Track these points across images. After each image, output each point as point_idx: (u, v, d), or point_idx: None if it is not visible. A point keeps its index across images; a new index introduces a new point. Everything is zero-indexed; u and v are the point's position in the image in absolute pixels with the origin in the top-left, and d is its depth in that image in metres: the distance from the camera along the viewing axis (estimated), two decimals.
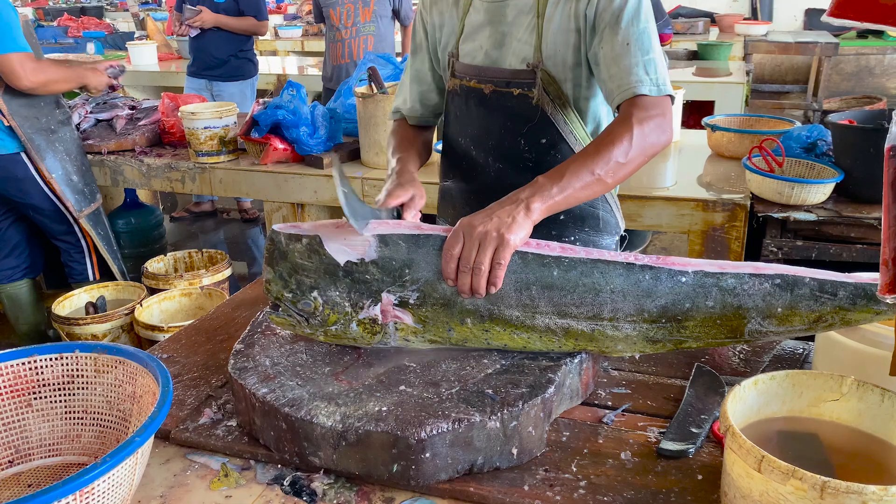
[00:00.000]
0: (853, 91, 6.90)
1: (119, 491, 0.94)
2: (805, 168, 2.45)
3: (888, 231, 0.98)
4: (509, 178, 1.54)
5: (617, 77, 1.37)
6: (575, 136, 1.51)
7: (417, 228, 1.21)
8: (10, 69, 2.75)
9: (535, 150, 1.53)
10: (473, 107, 1.58)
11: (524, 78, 1.48)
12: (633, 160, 1.29)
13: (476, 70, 1.55)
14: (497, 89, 1.52)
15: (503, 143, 1.56)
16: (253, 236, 5.40)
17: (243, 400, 1.17)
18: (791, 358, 1.39)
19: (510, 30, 1.49)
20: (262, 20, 4.90)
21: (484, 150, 1.60)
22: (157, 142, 3.54)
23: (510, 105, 1.51)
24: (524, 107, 1.50)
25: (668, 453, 1.10)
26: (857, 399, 1.01)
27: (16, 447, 1.16)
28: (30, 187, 3.02)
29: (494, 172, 1.59)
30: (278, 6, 11.66)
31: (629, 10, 1.38)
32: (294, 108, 2.95)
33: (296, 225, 1.22)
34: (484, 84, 1.53)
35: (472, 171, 1.64)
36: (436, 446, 1.02)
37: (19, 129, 2.89)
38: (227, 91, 4.89)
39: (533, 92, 1.47)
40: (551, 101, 1.48)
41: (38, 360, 1.15)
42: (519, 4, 1.48)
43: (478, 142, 1.61)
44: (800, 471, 0.82)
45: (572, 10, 1.43)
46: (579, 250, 1.19)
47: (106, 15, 11.95)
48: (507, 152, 1.56)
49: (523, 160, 1.54)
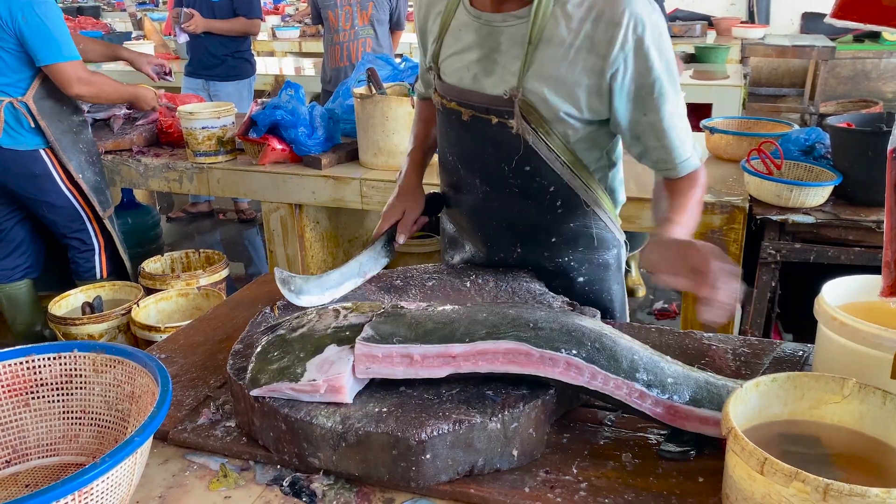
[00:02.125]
0: (850, 95, 6.92)
1: (118, 491, 0.93)
2: (803, 171, 2.46)
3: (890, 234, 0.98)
4: (495, 201, 1.55)
5: (664, 150, 1.42)
6: (561, 161, 1.45)
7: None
8: (65, 77, 2.84)
9: (520, 176, 1.48)
10: (455, 128, 1.53)
11: (502, 106, 1.41)
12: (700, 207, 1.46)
13: (458, 92, 1.48)
14: (476, 115, 1.46)
15: (487, 167, 1.52)
16: (250, 237, 5.39)
17: (242, 400, 1.16)
18: (791, 360, 1.38)
19: (500, 58, 1.40)
20: (253, 18, 4.90)
21: (471, 170, 1.57)
22: (154, 142, 3.52)
23: (490, 132, 1.46)
24: (504, 135, 1.43)
25: (670, 455, 1.09)
26: (859, 401, 1.01)
27: (13, 447, 1.15)
28: (47, 184, 3.02)
29: (482, 194, 1.56)
30: (275, 7, 11.66)
31: (672, 75, 1.37)
32: (292, 109, 2.95)
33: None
34: (463, 108, 1.47)
35: (464, 188, 1.61)
36: (436, 447, 1.02)
37: (48, 130, 2.93)
38: (224, 91, 4.88)
39: (511, 122, 1.41)
40: (533, 131, 1.41)
41: (35, 359, 1.15)
42: (514, 34, 1.38)
43: (465, 162, 1.57)
44: (802, 473, 0.81)
45: (589, 65, 1.33)
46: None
47: (103, 15, 11.93)
48: (492, 177, 1.52)
49: (509, 185, 1.50)
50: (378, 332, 1.12)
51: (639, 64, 1.32)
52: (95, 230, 3.20)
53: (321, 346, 1.15)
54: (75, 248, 3.23)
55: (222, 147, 3.16)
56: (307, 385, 1.08)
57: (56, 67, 2.83)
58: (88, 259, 3.25)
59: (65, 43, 2.83)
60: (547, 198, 1.50)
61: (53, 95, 2.95)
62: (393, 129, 2.82)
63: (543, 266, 1.59)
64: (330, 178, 2.93)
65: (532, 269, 1.59)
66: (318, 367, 1.10)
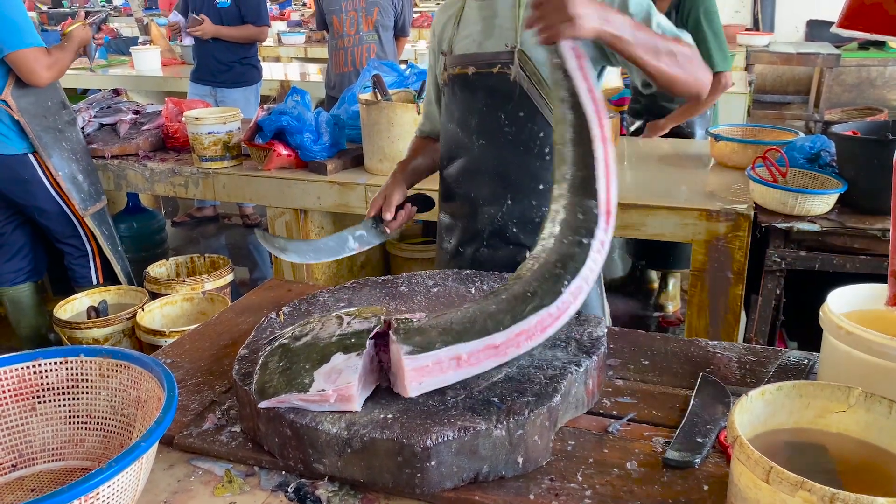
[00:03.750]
0: (854, 102, 6.90)
1: (123, 496, 0.93)
2: (808, 179, 2.45)
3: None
4: (491, 153, 1.70)
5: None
6: (550, 109, 1.59)
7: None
8: (27, 66, 2.75)
9: (514, 124, 1.65)
10: (458, 91, 1.72)
11: (503, 59, 1.63)
12: (683, 67, 1.42)
13: (463, 58, 1.70)
14: (478, 70, 1.67)
15: (484, 119, 1.68)
16: (254, 242, 5.39)
17: (248, 406, 1.16)
18: (796, 368, 1.38)
19: (498, 21, 1.64)
20: (261, 25, 4.92)
21: (468, 130, 1.72)
22: (160, 146, 3.53)
23: (490, 84, 1.65)
24: (502, 83, 1.63)
25: (674, 463, 1.09)
26: (865, 410, 1.00)
27: (19, 451, 1.15)
28: (36, 189, 3.02)
29: (478, 149, 1.71)
30: (281, 13, 11.69)
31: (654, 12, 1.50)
32: (298, 115, 2.96)
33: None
34: (467, 67, 1.68)
35: (459, 153, 1.76)
36: (441, 454, 1.02)
37: (28, 127, 2.89)
38: (230, 97, 4.89)
39: (510, 69, 1.61)
40: (527, 77, 1.61)
41: (42, 363, 1.15)
42: (505, 1, 1.63)
43: (463, 123, 1.73)
44: (808, 482, 0.81)
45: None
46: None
47: (110, 20, 11.98)
48: (488, 128, 1.68)
49: (503, 133, 1.67)
50: (417, 344, 1.11)
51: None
52: (88, 235, 3.20)
53: (327, 355, 1.15)
54: (69, 254, 3.24)
55: (228, 152, 3.17)
56: (316, 395, 1.08)
57: (20, 55, 2.73)
58: (83, 265, 3.25)
59: (26, 30, 2.75)
60: (537, 143, 1.65)
61: (34, 92, 2.91)
62: (398, 135, 2.83)
63: (530, 218, 1.70)
64: (335, 183, 2.93)
65: (519, 222, 1.70)
66: (325, 376, 1.10)
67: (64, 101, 3.12)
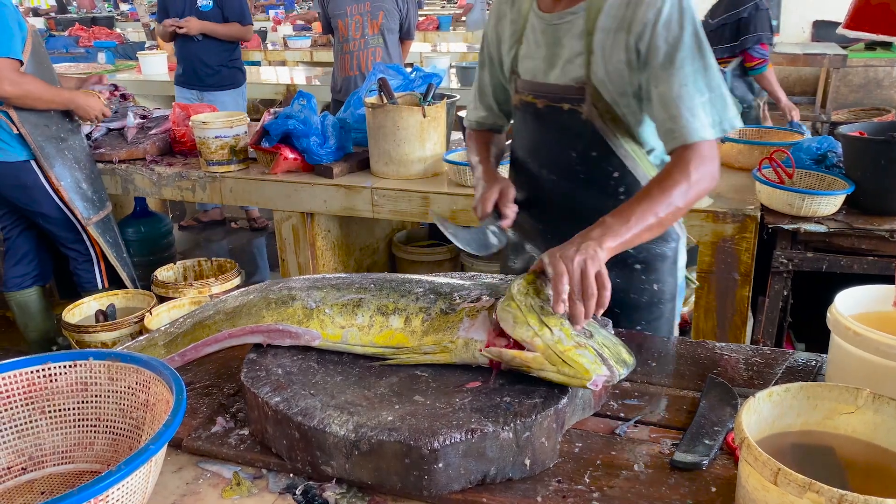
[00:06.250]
0: (861, 103, 6.87)
1: (133, 499, 0.94)
2: (815, 180, 2.45)
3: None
4: (562, 190, 1.62)
5: (672, 121, 1.39)
6: (625, 149, 1.53)
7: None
8: None
9: (586, 162, 1.56)
10: (530, 121, 1.63)
11: (573, 94, 1.52)
12: (689, 203, 1.38)
13: (532, 86, 1.60)
14: (549, 104, 1.56)
15: (555, 156, 1.61)
16: (261, 245, 5.41)
17: (256, 409, 1.17)
18: (804, 370, 1.38)
19: (561, 52, 1.52)
20: (246, 25, 4.95)
21: (538, 162, 1.65)
22: (167, 151, 3.55)
23: (561, 121, 1.55)
24: (574, 122, 1.53)
25: (682, 465, 1.09)
26: (873, 412, 1.00)
27: (29, 455, 1.16)
28: (39, 195, 3.03)
29: (548, 184, 1.64)
30: (286, 16, 11.72)
31: (685, 49, 1.38)
32: (304, 118, 2.96)
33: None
34: (538, 99, 1.58)
35: (530, 182, 1.68)
36: (448, 456, 1.02)
37: (29, 137, 2.90)
38: (219, 100, 4.85)
39: (582, 108, 1.51)
40: (600, 117, 1.50)
41: (51, 367, 1.16)
42: (571, 29, 1.50)
43: (533, 154, 1.66)
44: (817, 484, 0.81)
45: (623, 43, 1.43)
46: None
47: (117, 25, 12.05)
48: (559, 165, 1.61)
49: (574, 172, 1.58)
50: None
51: (653, 36, 1.39)
52: (92, 240, 3.21)
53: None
54: (74, 259, 3.25)
55: (235, 156, 3.18)
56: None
57: None
58: (88, 270, 3.26)
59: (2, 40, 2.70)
60: (611, 183, 1.56)
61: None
62: (404, 138, 2.84)
63: None
64: (341, 186, 2.94)
65: None
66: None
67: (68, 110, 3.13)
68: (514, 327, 1.17)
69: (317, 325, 1.29)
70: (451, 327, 1.25)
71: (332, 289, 1.34)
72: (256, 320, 1.32)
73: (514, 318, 1.17)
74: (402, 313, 1.28)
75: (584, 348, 1.14)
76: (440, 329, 1.26)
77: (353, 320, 1.29)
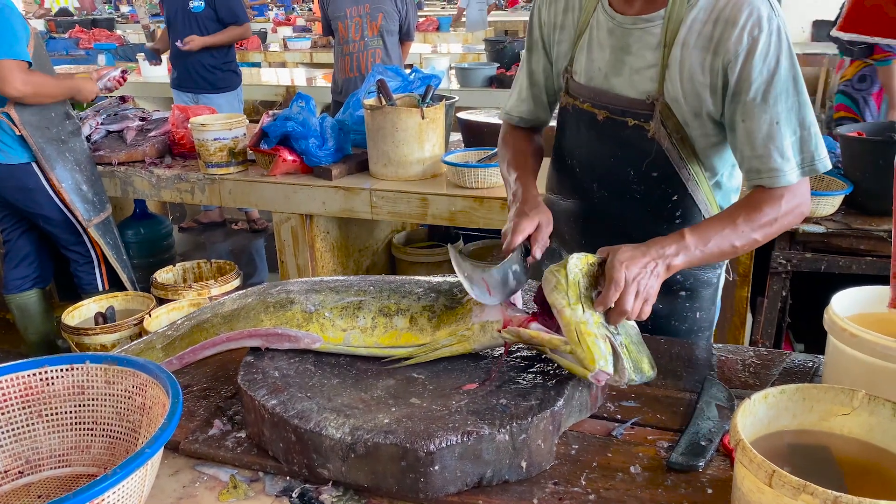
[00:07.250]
0: None
1: (129, 502, 0.94)
2: (813, 180, 2.44)
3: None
4: (612, 207, 1.52)
5: (759, 160, 1.32)
6: (689, 171, 1.44)
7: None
8: (2, 75, 2.74)
9: (645, 182, 1.47)
10: (584, 129, 1.52)
11: (641, 109, 1.41)
12: (767, 239, 1.33)
13: (591, 92, 1.47)
14: (611, 117, 1.45)
15: (611, 171, 1.50)
16: (260, 247, 5.42)
17: (253, 411, 1.17)
18: (801, 371, 1.38)
19: (629, 59, 1.41)
20: (242, 24, 4.97)
21: (590, 174, 1.54)
22: (167, 153, 3.55)
23: (623, 135, 1.45)
24: (638, 138, 1.43)
25: (678, 467, 1.09)
26: (869, 413, 1.00)
27: (26, 458, 1.16)
28: (40, 197, 3.04)
29: (598, 199, 1.55)
30: (287, 18, 11.74)
31: (780, 83, 1.29)
32: (303, 120, 2.97)
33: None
34: (598, 109, 1.47)
35: (577, 192, 1.59)
36: (445, 459, 1.02)
37: (31, 139, 2.91)
38: (215, 103, 4.85)
39: (650, 125, 1.40)
40: (668, 136, 1.40)
41: (48, 370, 1.16)
42: (646, 38, 1.38)
43: (585, 165, 1.55)
44: (811, 485, 0.81)
45: (707, 64, 1.33)
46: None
47: (117, 27, 12.06)
48: (615, 181, 1.50)
49: (630, 191, 1.49)
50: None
51: (746, 67, 1.30)
52: (93, 242, 3.22)
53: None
54: (75, 261, 3.26)
55: (234, 158, 3.18)
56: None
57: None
58: (89, 272, 3.27)
59: (10, 41, 2.74)
60: (668, 206, 1.48)
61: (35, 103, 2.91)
62: (402, 139, 2.84)
63: None
64: (340, 188, 2.94)
65: None
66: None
67: (68, 111, 3.14)
68: (553, 291, 1.17)
69: (317, 329, 1.29)
70: (462, 318, 1.26)
71: (331, 292, 1.35)
72: (255, 324, 1.32)
73: (556, 283, 1.17)
74: (405, 313, 1.29)
75: (604, 340, 1.14)
76: (451, 322, 1.26)
77: (354, 322, 1.29)
